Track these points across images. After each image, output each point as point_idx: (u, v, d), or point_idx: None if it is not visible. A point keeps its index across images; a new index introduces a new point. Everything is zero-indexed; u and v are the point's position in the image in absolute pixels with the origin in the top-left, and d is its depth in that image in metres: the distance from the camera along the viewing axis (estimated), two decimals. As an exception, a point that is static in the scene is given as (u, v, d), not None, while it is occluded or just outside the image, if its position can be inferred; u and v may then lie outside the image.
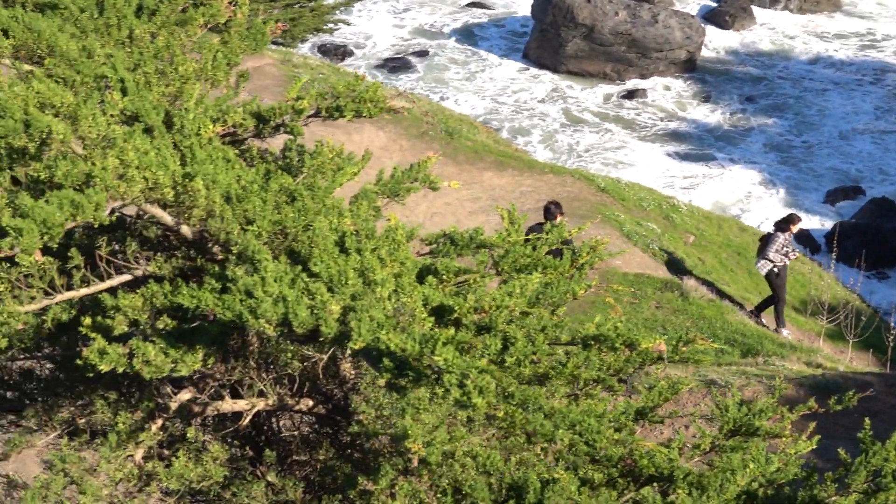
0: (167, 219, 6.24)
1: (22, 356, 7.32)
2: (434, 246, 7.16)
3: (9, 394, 7.86)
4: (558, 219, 17.07)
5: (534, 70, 46.61)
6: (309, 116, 7.35)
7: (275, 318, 5.30)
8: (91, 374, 5.69)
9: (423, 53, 47.67)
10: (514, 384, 5.06)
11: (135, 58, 7.35)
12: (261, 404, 7.52)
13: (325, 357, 7.31)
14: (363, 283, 5.75)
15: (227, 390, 7.60)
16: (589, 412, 6.00)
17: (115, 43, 7.47)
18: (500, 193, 23.86)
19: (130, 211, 6.61)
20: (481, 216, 23.03)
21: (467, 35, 50.03)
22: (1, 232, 5.15)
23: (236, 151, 7.19)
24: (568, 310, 7.10)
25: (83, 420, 7.36)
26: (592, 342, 5.73)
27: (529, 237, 15.04)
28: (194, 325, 5.79)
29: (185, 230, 6.34)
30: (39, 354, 7.28)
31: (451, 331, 5.06)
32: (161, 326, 5.85)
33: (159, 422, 7.31)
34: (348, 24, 37.89)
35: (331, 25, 31.01)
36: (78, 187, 5.60)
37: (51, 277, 6.10)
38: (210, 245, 6.48)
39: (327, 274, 5.74)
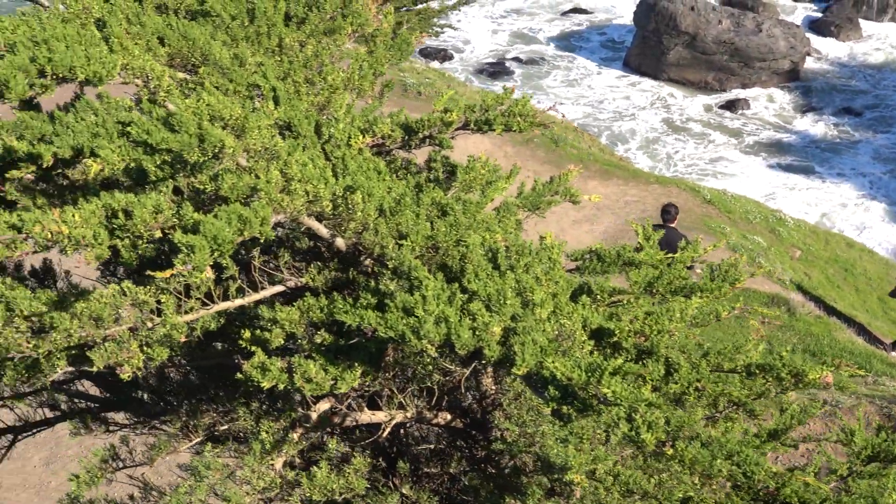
0: (323, 231, 6.22)
1: (168, 364, 7.39)
2: (580, 262, 7.06)
3: (148, 398, 7.93)
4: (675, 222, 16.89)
5: (634, 77, 46.23)
6: (457, 129, 7.30)
7: (437, 338, 5.24)
8: (250, 387, 5.69)
9: (522, 59, 47.54)
10: (684, 417, 4.94)
11: (284, 67, 7.36)
12: (399, 416, 7.49)
13: (466, 371, 7.25)
14: (521, 304, 5.67)
15: (365, 401, 7.59)
16: (746, 441, 5.87)
17: (264, 51, 7.50)
18: (605, 203, 23.66)
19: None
20: (585, 225, 22.86)
21: (567, 41, 49.79)
22: (171, 247, 5.16)
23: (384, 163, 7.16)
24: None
25: (225, 427, 7.39)
26: (757, 371, 5.59)
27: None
28: (353, 341, 5.76)
29: (340, 243, 6.32)
30: (184, 362, 7.33)
31: (619, 360, 4.96)
32: (319, 341, 5.84)
33: (299, 431, 7.31)
34: (454, 29, 37.92)
35: (437, 29, 31.06)
36: (243, 200, 5.60)
37: (207, 288, 6.13)
38: (363, 258, 6.46)
39: (485, 292, 5.67)
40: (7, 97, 4.91)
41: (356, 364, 5.64)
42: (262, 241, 5.43)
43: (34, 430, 8.01)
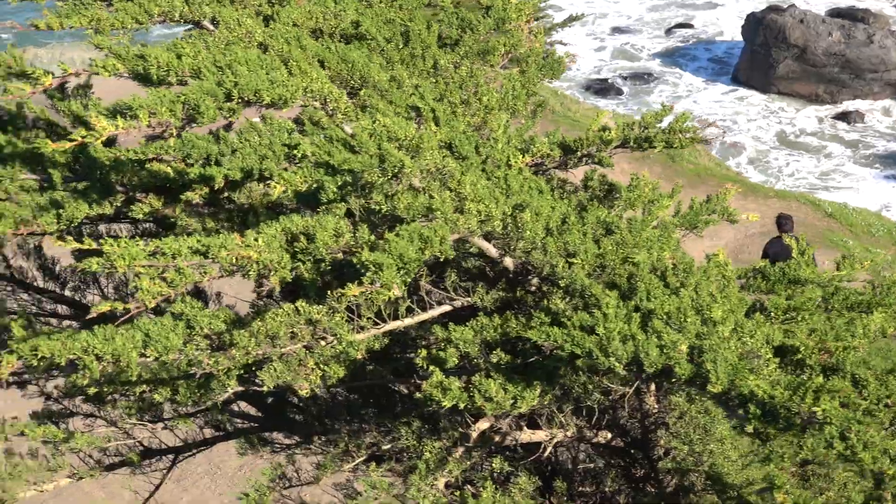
0: (492, 251, 6.22)
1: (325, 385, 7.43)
2: (744, 280, 6.95)
3: (305, 418, 8.00)
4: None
5: (742, 91, 45.66)
6: (616, 147, 7.26)
7: (625, 356, 5.19)
8: (429, 406, 5.70)
9: (627, 76, 47.28)
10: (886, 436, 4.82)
11: (440, 88, 7.39)
12: (560, 435, 7.44)
13: (630, 390, 7.19)
14: (700, 322, 5.60)
15: (525, 420, 7.56)
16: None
17: (420, 73, 7.53)
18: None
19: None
20: (706, 240, 22.55)
21: (672, 58, 49.41)
22: (355, 267, 5.20)
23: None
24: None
25: (387, 446, 7.42)
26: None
27: (771, 252, 14.45)
28: (531, 360, 5.74)
29: (508, 262, 6.31)
30: (348, 382, 7.36)
31: (820, 378, 4.86)
32: (495, 360, 5.83)
33: (460, 450, 7.31)
34: (564, 45, 37.85)
35: (548, 47, 30.91)
36: (418, 220, 5.63)
37: (378, 307, 6.16)
38: (530, 277, 6.44)
39: (662, 310, 5.60)
40: (199, 122, 4.99)
41: (535, 383, 5.61)
42: (441, 259, 5.44)
43: (194, 451, 8.12)
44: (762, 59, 44.44)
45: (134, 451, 7.70)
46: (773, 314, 6.17)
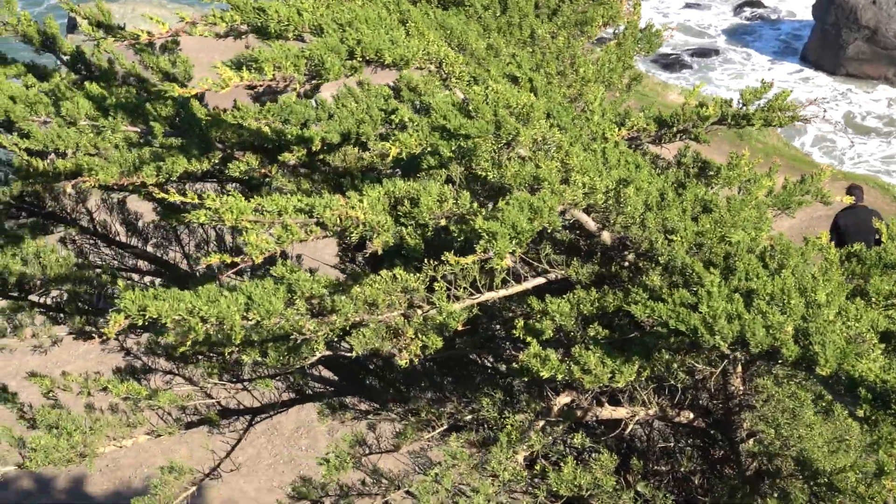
0: (591, 224, 6.13)
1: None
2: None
3: (383, 386, 7.97)
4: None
5: (809, 72, 45.04)
6: (713, 123, 7.13)
7: (730, 335, 5.10)
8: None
9: (693, 52, 46.82)
10: None
11: (537, 58, 7.30)
12: (641, 413, 7.37)
13: (717, 371, 7.09)
14: (805, 304, 5.49)
15: (606, 397, 7.49)
16: None
17: (516, 42, 7.44)
18: (792, 200, 23.04)
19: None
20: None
21: (739, 35, 48.82)
22: (467, 235, 5.14)
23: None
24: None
25: (468, 417, 7.38)
26: None
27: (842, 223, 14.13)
28: (631, 335, 5.66)
29: (605, 236, 6.23)
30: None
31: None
32: (593, 334, 5.76)
33: (540, 423, 7.26)
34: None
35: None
36: (525, 189, 5.55)
37: (473, 277, 6.10)
38: (626, 252, 6.35)
39: (765, 291, 5.50)
40: (326, 78, 4.93)
41: (634, 359, 5.53)
42: (549, 230, 5.37)
43: (270, 413, 8.13)
44: (832, 40, 43.79)
45: (213, 411, 7.72)
46: (874, 299, 6.05)
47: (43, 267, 6.98)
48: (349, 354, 6.54)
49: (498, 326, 7.27)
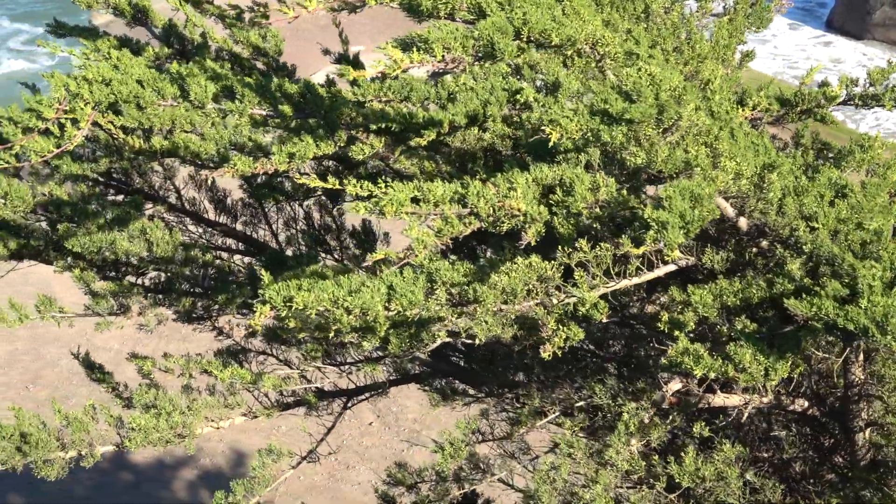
0: (729, 210, 5.94)
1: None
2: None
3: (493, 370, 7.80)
4: None
5: (830, 36, 44.72)
6: (839, 103, 6.92)
7: (901, 333, 4.91)
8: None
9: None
10: None
11: (653, 34, 7.08)
12: (756, 401, 7.19)
13: (839, 360, 6.91)
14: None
15: (718, 384, 7.31)
16: None
17: (630, 17, 7.22)
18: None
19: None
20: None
21: (762, -2, 48.37)
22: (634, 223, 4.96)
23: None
24: None
25: (580, 403, 7.22)
26: None
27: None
28: (785, 329, 5.47)
29: (742, 223, 6.03)
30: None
31: None
32: (740, 327, 5.57)
33: (653, 411, 7.10)
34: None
35: None
36: (674, 176, 5.36)
37: (607, 264, 5.91)
38: (759, 240, 6.16)
39: (923, 284, 5.31)
40: (499, 59, 4.72)
41: (787, 355, 5.35)
42: (708, 219, 5.17)
43: (367, 395, 7.98)
44: (859, 6, 43.38)
45: (310, 392, 7.56)
46: None
47: (149, 244, 6.80)
48: (469, 342, 6.37)
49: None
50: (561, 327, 5.49)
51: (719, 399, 7.27)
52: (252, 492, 7.24)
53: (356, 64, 8.63)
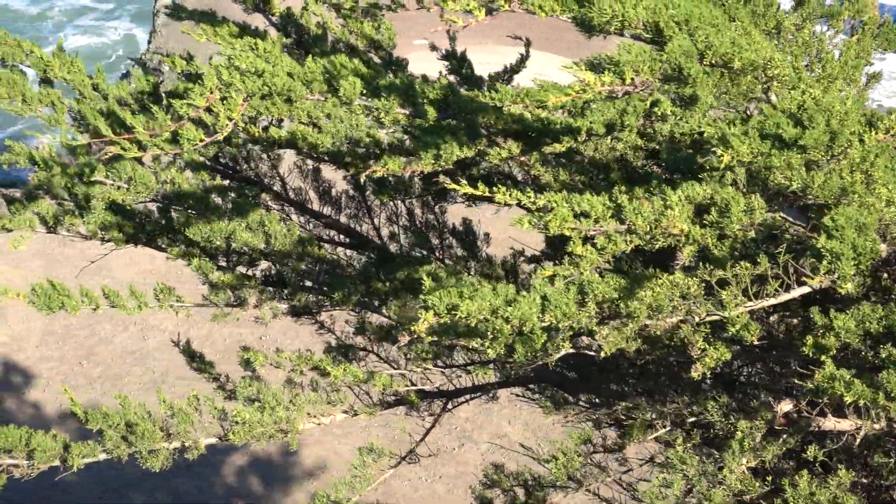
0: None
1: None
2: None
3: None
4: None
5: None
6: None
7: None
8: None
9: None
10: None
11: (786, 52, 7.00)
12: (867, 427, 7.10)
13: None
14: None
15: (831, 407, 7.23)
16: None
17: (761, 33, 7.13)
18: None
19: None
20: None
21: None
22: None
23: None
24: None
25: (691, 419, 7.15)
26: None
27: None
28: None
29: (882, 248, 5.94)
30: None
31: None
32: (884, 355, 5.49)
33: (764, 431, 7.02)
34: None
35: None
36: (831, 203, 5.28)
37: (745, 284, 5.84)
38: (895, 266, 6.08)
39: None
40: (684, 83, 4.65)
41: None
42: (877, 251, 5.08)
43: (468, 397, 7.94)
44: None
45: (412, 392, 7.52)
46: None
47: (267, 237, 6.77)
48: (592, 353, 6.32)
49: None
50: (709, 347, 5.43)
51: (830, 422, 7.19)
52: (353, 490, 7.21)
53: (462, 61, 8.58)
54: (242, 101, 5.41)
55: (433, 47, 8.86)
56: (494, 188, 5.19)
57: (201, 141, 5.37)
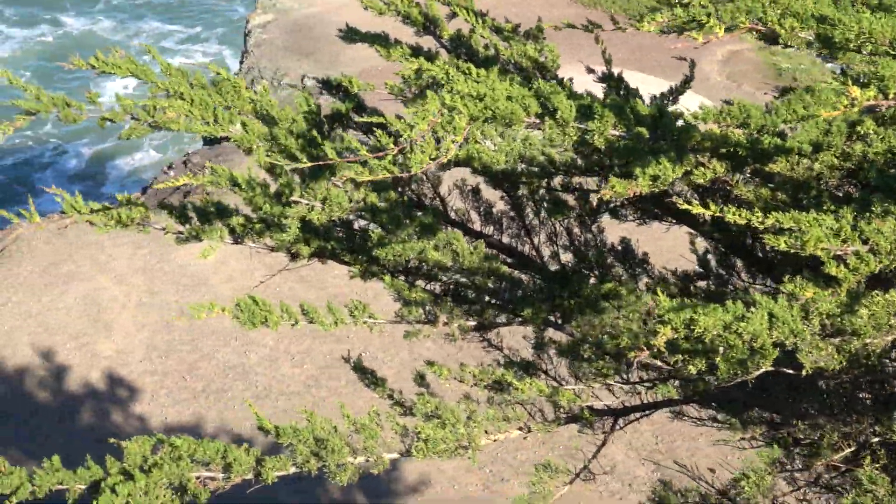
0: None
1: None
2: None
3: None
4: None
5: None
6: None
7: None
8: None
9: None
10: None
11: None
12: None
13: None
14: None
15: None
16: None
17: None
18: None
19: None
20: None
21: None
22: None
23: None
24: None
25: (877, 439, 7.14)
26: None
27: None
28: None
29: None
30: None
31: None
32: None
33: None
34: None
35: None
36: None
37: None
38: None
39: None
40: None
41: None
42: None
43: (639, 415, 7.97)
44: None
45: (586, 410, 7.57)
46: None
47: (455, 255, 6.87)
48: (790, 372, 6.35)
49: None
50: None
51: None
52: (533, 506, 7.27)
53: (620, 83, 8.63)
54: (466, 123, 5.50)
55: (589, 69, 8.94)
56: (724, 208, 5.24)
57: (428, 163, 5.46)
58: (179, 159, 26.62)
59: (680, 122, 6.13)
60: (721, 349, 4.98)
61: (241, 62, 28.57)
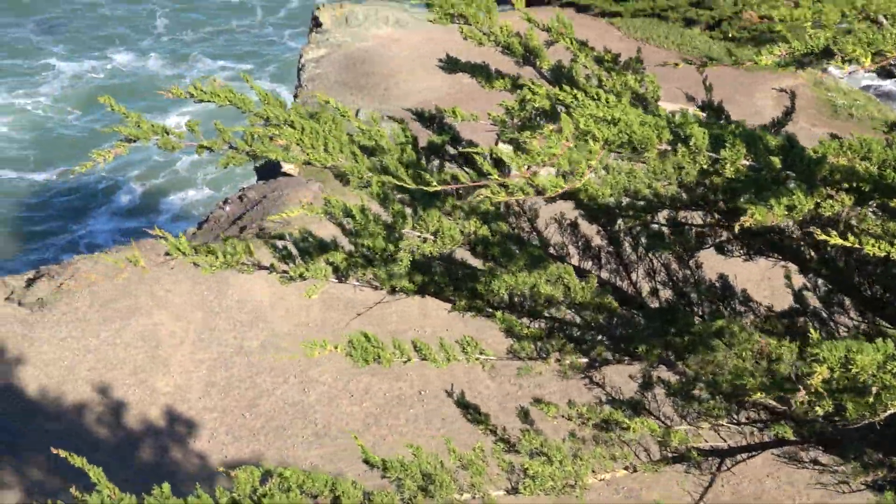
0: None
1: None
2: None
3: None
4: None
5: None
6: None
7: None
8: None
9: None
10: None
11: None
12: None
13: None
14: None
15: None
16: None
17: None
18: None
19: None
20: None
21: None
22: None
23: None
24: None
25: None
26: None
27: None
28: None
29: None
30: None
31: None
32: None
33: None
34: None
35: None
36: None
37: None
38: None
39: None
40: None
41: None
42: None
43: (745, 456, 7.77)
44: None
45: (693, 450, 7.38)
46: None
47: (566, 289, 6.72)
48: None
49: None
50: None
51: None
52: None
53: (720, 112, 8.50)
54: (600, 148, 5.37)
55: (689, 97, 8.81)
56: (862, 239, 5.08)
57: (561, 188, 5.34)
58: (235, 194, 26.62)
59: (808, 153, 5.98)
60: (874, 389, 4.79)
61: (295, 96, 28.61)
